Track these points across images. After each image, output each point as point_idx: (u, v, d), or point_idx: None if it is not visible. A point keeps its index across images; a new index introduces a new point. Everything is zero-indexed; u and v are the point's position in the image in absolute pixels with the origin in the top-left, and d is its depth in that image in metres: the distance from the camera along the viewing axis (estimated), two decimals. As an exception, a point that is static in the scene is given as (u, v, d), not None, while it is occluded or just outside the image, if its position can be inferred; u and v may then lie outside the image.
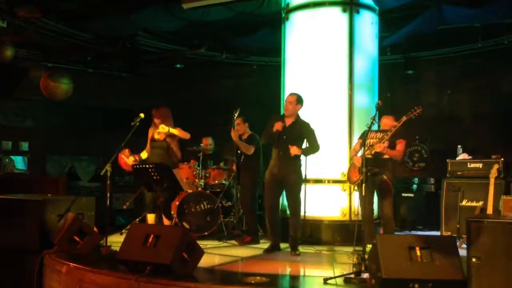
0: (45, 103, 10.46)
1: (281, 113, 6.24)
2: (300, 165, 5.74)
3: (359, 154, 5.58)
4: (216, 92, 10.93)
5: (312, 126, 5.83)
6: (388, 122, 5.68)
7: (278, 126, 5.60)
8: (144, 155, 6.72)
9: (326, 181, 6.49)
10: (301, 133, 5.71)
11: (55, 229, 5.14)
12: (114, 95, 11.17)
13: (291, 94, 5.84)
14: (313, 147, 5.73)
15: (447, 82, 9.66)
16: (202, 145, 7.73)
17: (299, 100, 5.76)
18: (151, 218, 6.51)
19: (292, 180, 5.66)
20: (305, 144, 5.76)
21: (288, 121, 5.74)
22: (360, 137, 5.77)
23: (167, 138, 6.50)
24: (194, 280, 4.12)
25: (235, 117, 6.41)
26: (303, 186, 5.86)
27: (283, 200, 6.27)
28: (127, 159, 6.72)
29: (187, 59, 10.42)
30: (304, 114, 5.93)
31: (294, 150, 5.54)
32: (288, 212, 5.91)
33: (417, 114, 5.07)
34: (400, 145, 5.58)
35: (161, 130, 6.44)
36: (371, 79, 6.94)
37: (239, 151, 6.78)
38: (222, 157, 7.92)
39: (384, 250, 3.79)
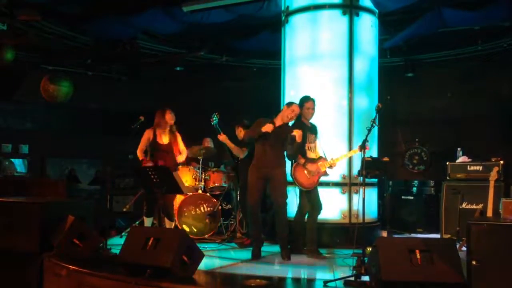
0: (45, 106, 10.45)
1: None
2: (285, 162, 5.81)
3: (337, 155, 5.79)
4: (216, 95, 10.92)
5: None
6: (313, 105, 5.86)
7: (268, 127, 5.54)
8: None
9: (326, 184, 6.48)
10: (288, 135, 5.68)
11: (55, 232, 5.12)
12: (114, 98, 11.16)
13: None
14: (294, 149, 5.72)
15: (447, 85, 9.67)
16: (202, 146, 7.67)
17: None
18: (150, 221, 6.48)
19: (280, 174, 5.66)
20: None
21: (277, 123, 5.70)
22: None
23: (173, 141, 6.41)
24: (194, 283, 4.13)
25: (213, 122, 6.43)
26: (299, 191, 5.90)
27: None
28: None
29: (187, 62, 10.42)
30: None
31: (298, 134, 5.51)
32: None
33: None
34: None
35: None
36: (371, 82, 6.95)
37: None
38: (222, 159, 7.93)
39: (384, 253, 3.80)
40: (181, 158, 6.52)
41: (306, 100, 5.85)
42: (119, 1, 7.94)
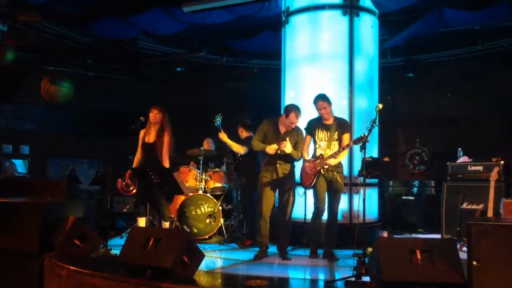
0: (46, 106, 10.48)
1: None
2: (293, 167, 5.76)
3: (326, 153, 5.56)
4: (216, 95, 10.94)
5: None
6: (323, 104, 5.59)
7: (272, 150, 5.53)
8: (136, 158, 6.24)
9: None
10: (297, 139, 5.67)
11: (56, 233, 5.12)
12: (114, 98, 11.18)
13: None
14: (299, 153, 5.68)
15: (447, 85, 9.67)
16: (203, 148, 7.65)
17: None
18: (142, 221, 6.43)
19: (290, 184, 5.65)
20: None
21: (283, 127, 5.68)
22: (308, 133, 5.71)
23: (158, 141, 6.19)
24: (194, 283, 4.12)
25: (216, 124, 6.42)
26: (302, 190, 5.88)
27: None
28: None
29: (188, 62, 10.43)
30: (304, 117, 5.91)
31: (287, 147, 5.49)
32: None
33: (363, 141, 5.02)
34: (347, 138, 5.61)
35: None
36: (372, 82, 6.95)
37: (239, 154, 6.80)
38: (223, 160, 7.92)
39: (384, 253, 3.79)
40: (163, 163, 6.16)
41: (315, 102, 5.63)
42: (119, 1, 7.95)
